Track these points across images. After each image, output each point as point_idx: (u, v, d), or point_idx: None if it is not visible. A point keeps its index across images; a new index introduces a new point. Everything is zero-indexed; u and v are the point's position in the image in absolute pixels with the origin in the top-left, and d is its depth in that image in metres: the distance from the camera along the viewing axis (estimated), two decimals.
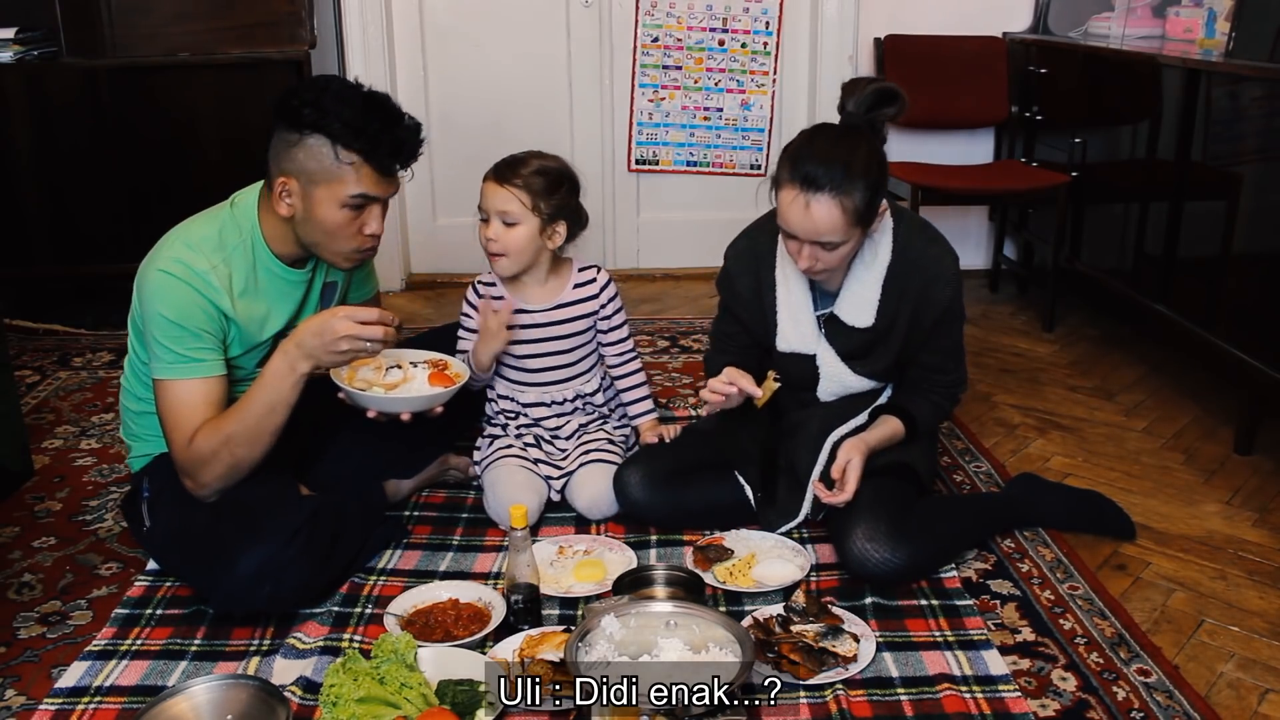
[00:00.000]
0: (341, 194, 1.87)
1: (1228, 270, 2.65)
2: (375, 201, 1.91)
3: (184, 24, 3.48)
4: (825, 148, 1.89)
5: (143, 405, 2.02)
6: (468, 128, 3.93)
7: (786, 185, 1.90)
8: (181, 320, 1.85)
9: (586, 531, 2.18)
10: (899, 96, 1.94)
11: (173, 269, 1.87)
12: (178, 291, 1.86)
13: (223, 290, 1.90)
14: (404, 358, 2.09)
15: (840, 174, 1.85)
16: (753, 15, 3.87)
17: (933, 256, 2.06)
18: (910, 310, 2.05)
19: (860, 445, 2.02)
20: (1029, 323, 3.57)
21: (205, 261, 1.89)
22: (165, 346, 1.85)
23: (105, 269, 3.52)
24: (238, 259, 1.93)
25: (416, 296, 3.94)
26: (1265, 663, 1.81)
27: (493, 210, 2.15)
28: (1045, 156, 3.62)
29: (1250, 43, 2.71)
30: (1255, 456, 2.56)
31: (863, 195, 1.87)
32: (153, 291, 1.87)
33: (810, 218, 1.87)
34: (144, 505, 1.99)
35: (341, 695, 1.55)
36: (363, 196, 1.88)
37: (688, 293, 3.94)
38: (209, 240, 1.92)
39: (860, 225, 1.91)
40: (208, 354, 1.88)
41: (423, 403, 1.98)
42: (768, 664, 1.71)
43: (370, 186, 1.88)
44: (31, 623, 1.90)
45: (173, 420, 1.87)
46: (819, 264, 1.94)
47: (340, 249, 1.94)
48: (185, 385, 1.86)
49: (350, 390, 1.95)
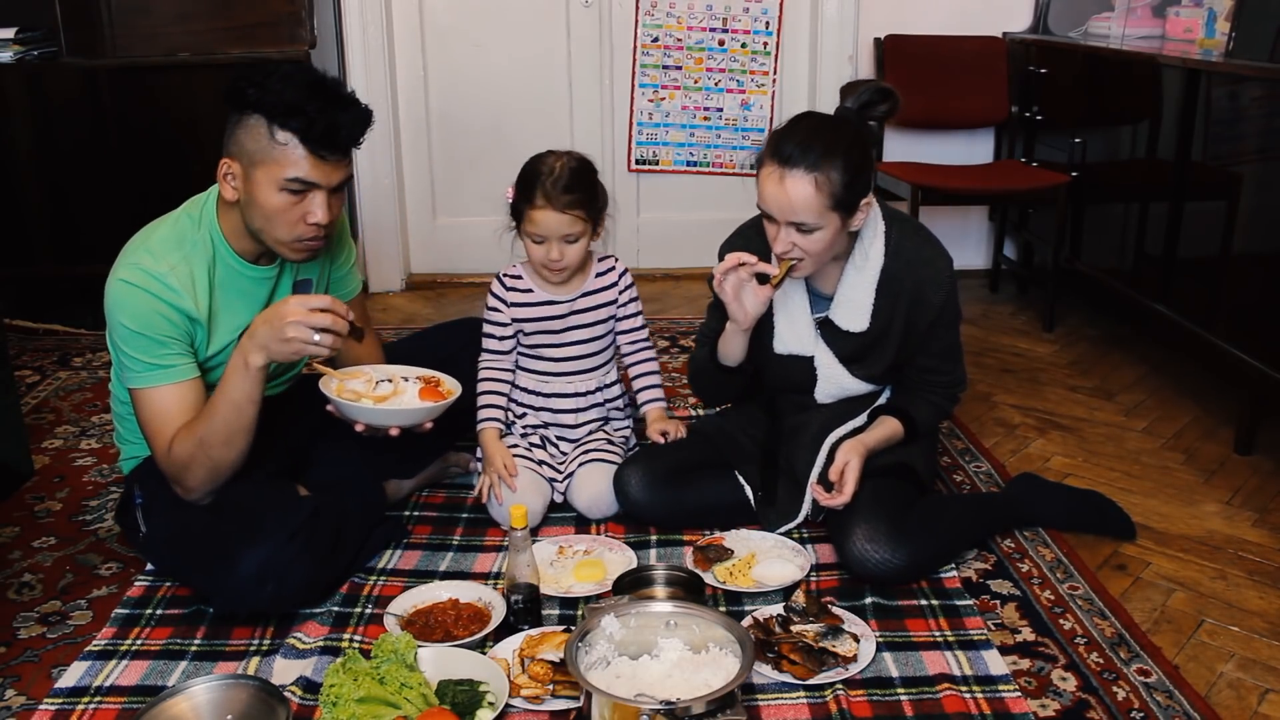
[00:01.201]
0: (278, 176, 1.80)
1: (1228, 270, 2.65)
2: (315, 188, 1.83)
3: (184, 24, 3.48)
4: (807, 129, 1.90)
5: (126, 409, 2.00)
6: (468, 128, 3.93)
7: (766, 163, 1.91)
8: (143, 329, 1.83)
9: (586, 531, 2.18)
10: (892, 95, 1.95)
11: (131, 276, 1.84)
12: (136, 300, 1.83)
13: (183, 290, 1.86)
14: (396, 373, 2.06)
15: (818, 152, 1.85)
16: (753, 15, 3.87)
17: (926, 259, 2.05)
18: (905, 313, 2.05)
19: (859, 447, 2.02)
20: (1029, 323, 3.57)
21: (164, 263, 1.86)
22: (132, 356, 1.84)
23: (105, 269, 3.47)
24: (197, 256, 1.90)
25: (416, 296, 3.94)
26: (1265, 663, 1.81)
27: (553, 235, 2.13)
28: (1045, 156, 3.62)
29: (1250, 43, 2.71)
30: (1255, 456, 2.56)
31: (840, 176, 1.86)
32: (114, 302, 1.85)
33: (785, 192, 1.87)
34: (138, 512, 1.98)
35: (341, 695, 1.55)
36: (299, 181, 1.81)
37: (687, 293, 3.94)
38: (167, 241, 1.89)
39: (838, 210, 1.89)
40: (176, 359, 1.86)
41: (411, 416, 1.95)
42: (768, 664, 1.71)
43: (307, 170, 1.80)
44: (31, 623, 1.90)
45: (152, 429, 1.87)
46: (795, 250, 1.93)
47: (281, 236, 1.86)
48: (158, 392, 1.85)
49: (338, 402, 1.92)
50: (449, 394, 2.03)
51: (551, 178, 2.11)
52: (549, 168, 2.13)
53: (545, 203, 2.11)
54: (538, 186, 2.12)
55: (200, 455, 1.83)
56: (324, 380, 1.95)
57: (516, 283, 2.27)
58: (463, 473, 2.39)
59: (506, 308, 2.26)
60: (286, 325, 1.75)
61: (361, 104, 1.88)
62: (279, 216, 1.84)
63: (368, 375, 2.03)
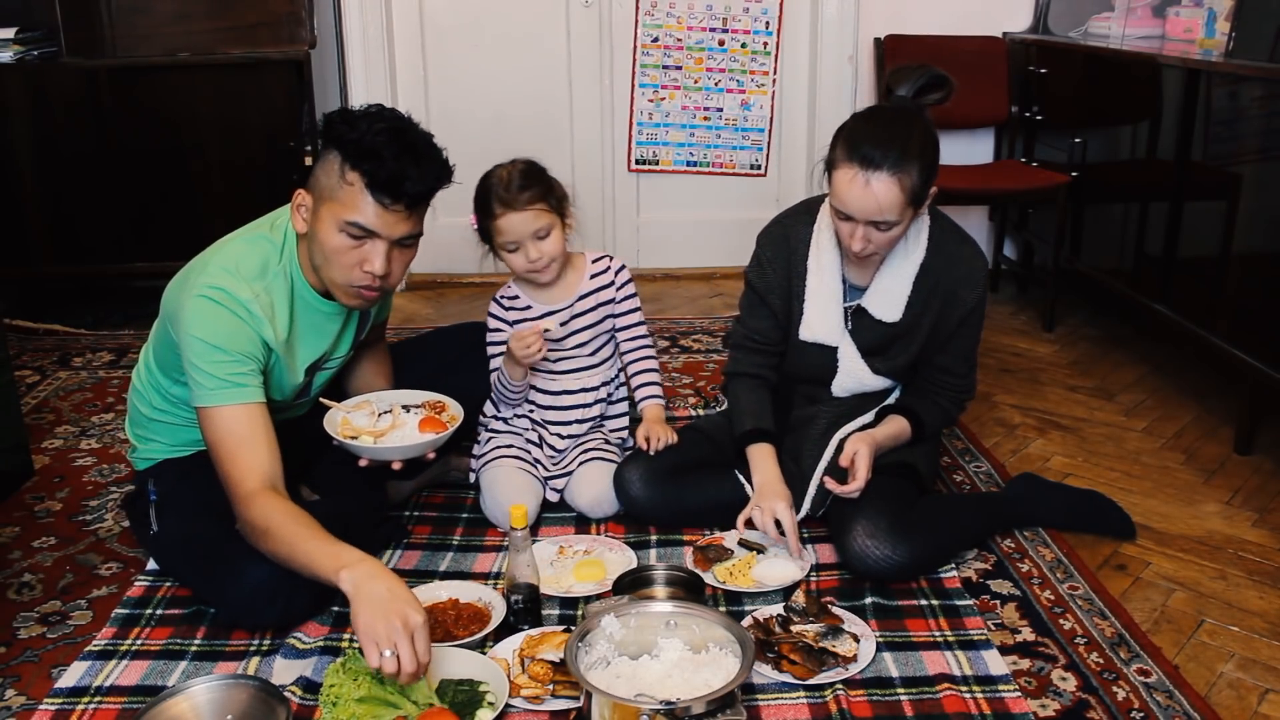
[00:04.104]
0: (340, 216, 1.78)
1: (1228, 270, 2.65)
2: (374, 236, 1.79)
3: (184, 24, 3.48)
4: (882, 127, 1.90)
5: (158, 414, 1.99)
6: (468, 128, 3.93)
7: (843, 165, 1.89)
8: (224, 344, 1.78)
9: (586, 531, 2.18)
10: (947, 82, 1.95)
11: (214, 295, 1.80)
12: (219, 318, 1.79)
13: (265, 319, 1.83)
14: (399, 402, 2.08)
15: (898, 152, 1.86)
16: (753, 15, 3.87)
17: (965, 257, 2.08)
18: (937, 308, 2.07)
19: (868, 439, 2.03)
20: (1029, 323, 3.57)
21: (248, 290, 1.82)
22: (206, 373, 1.78)
23: (105, 269, 3.53)
24: (278, 287, 1.87)
25: (416, 296, 3.94)
26: (1265, 663, 1.81)
27: (525, 236, 2.14)
28: (1045, 156, 3.62)
29: (1250, 43, 2.71)
30: (1255, 456, 2.56)
31: (919, 174, 1.88)
32: (192, 317, 1.79)
33: (871, 195, 1.87)
34: (151, 509, 1.98)
35: (341, 695, 1.55)
36: (358, 226, 1.78)
37: (687, 293, 3.94)
38: (251, 267, 1.85)
39: (914, 206, 1.92)
40: (249, 379, 1.81)
41: (410, 451, 1.95)
42: (768, 664, 1.71)
43: (367, 217, 1.77)
44: (31, 623, 1.90)
45: (225, 453, 1.78)
46: (870, 246, 1.94)
47: (337, 278, 1.84)
48: (230, 412, 1.78)
49: (342, 441, 1.94)
50: (452, 421, 2.03)
51: (503, 184, 2.13)
52: (498, 178, 2.15)
53: (504, 208, 2.13)
54: (493, 197, 2.14)
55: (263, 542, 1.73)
56: (328, 416, 1.98)
57: (514, 302, 2.28)
58: (462, 476, 2.39)
59: (509, 327, 2.26)
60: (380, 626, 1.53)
61: (442, 160, 1.85)
62: (337, 258, 1.81)
63: (371, 406, 2.05)
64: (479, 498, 2.25)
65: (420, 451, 1.96)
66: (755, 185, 4.02)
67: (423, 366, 2.26)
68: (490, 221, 2.15)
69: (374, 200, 1.77)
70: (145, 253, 3.42)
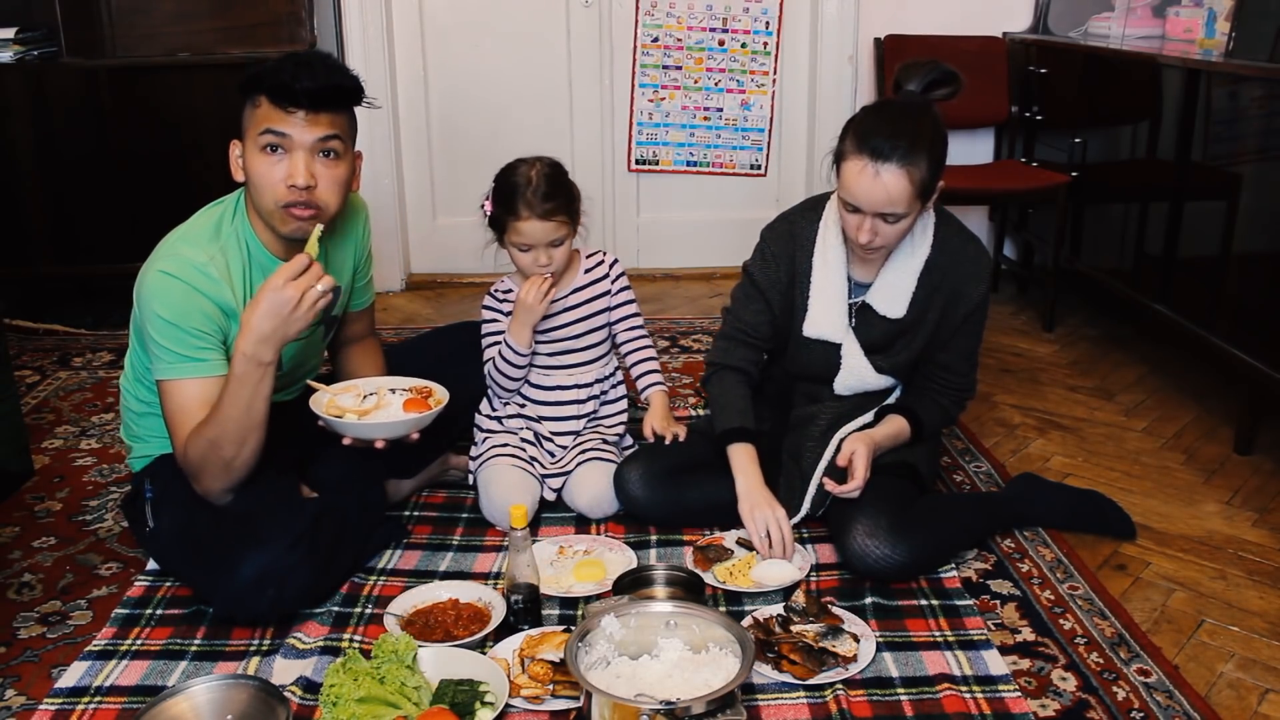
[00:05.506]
0: (255, 136, 1.83)
1: (1228, 270, 2.65)
2: (287, 140, 1.82)
3: (184, 24, 3.48)
4: (892, 120, 1.90)
5: (144, 407, 2.01)
6: (468, 128, 3.93)
7: (853, 156, 1.90)
8: (178, 320, 1.83)
9: (586, 531, 2.18)
10: (956, 78, 1.96)
11: (170, 267, 1.85)
12: (174, 290, 1.84)
13: (222, 280, 1.87)
14: (385, 385, 2.08)
15: (908, 144, 1.86)
16: (753, 15, 3.87)
17: (970, 254, 2.08)
18: (941, 305, 2.07)
19: (867, 439, 2.03)
20: (1029, 323, 3.57)
21: (203, 253, 1.87)
22: (164, 347, 1.84)
23: (105, 269, 3.52)
24: (232, 248, 1.92)
25: (416, 296, 3.94)
26: (1265, 663, 1.81)
27: (540, 243, 2.15)
28: (1045, 156, 3.62)
29: (1250, 43, 2.71)
30: (1255, 456, 2.56)
31: (928, 167, 1.89)
32: (151, 292, 1.85)
33: (881, 186, 1.87)
34: (148, 506, 1.98)
35: (341, 695, 1.55)
36: (270, 132, 1.81)
37: (687, 293, 3.94)
38: (205, 231, 1.91)
39: (922, 199, 1.92)
40: (208, 353, 1.86)
41: (393, 429, 1.94)
42: (768, 664, 1.71)
43: (275, 120, 1.81)
44: (31, 623, 1.90)
45: (174, 423, 1.86)
46: (877, 239, 1.94)
47: (267, 203, 1.86)
48: (186, 385, 1.85)
49: (326, 419, 1.94)
50: (436, 403, 2.02)
51: (531, 188, 2.12)
52: (525, 178, 2.14)
53: (529, 213, 2.12)
54: (519, 199, 2.13)
55: (212, 456, 1.82)
56: (315, 397, 1.98)
57: (509, 295, 2.28)
58: (461, 475, 2.39)
59: (505, 318, 2.26)
60: (299, 303, 1.73)
61: (338, 65, 1.89)
62: (263, 182, 1.85)
63: (357, 389, 2.05)
64: (477, 498, 2.24)
65: (403, 431, 1.95)
66: (755, 185, 4.02)
67: (417, 366, 2.26)
68: (510, 219, 2.15)
69: (274, 105, 1.82)
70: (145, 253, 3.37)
